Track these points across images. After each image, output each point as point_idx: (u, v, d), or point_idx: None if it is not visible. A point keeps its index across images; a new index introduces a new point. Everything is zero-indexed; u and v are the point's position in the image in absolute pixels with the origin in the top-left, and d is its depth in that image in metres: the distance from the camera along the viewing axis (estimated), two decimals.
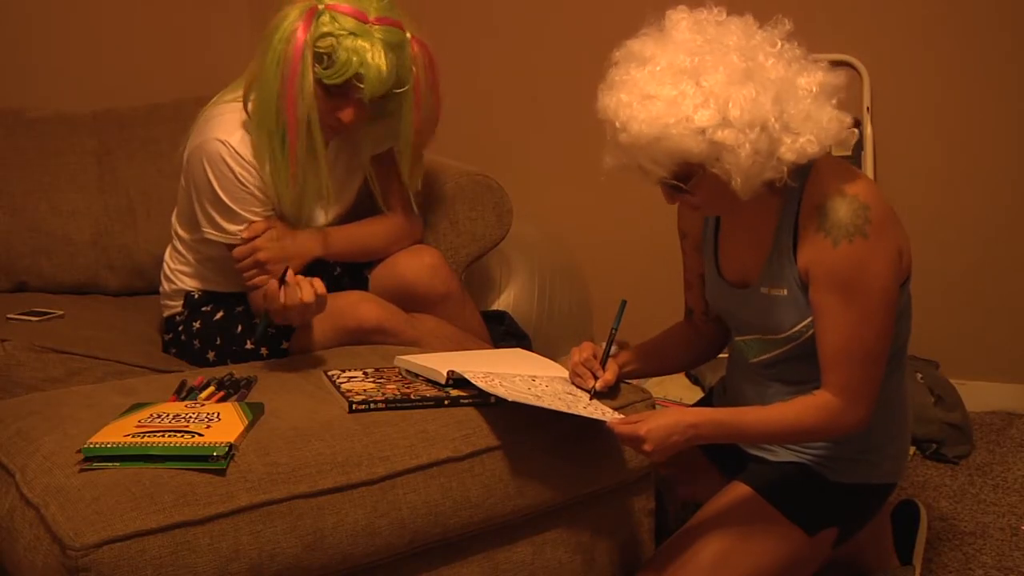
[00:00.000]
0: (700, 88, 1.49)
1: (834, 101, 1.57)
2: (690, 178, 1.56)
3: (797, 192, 1.62)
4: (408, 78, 2.03)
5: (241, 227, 2.03)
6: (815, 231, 1.58)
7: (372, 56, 1.92)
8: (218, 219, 2.04)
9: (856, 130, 1.57)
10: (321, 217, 2.14)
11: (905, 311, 1.70)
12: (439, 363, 1.79)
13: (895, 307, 1.61)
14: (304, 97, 1.93)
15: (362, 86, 1.94)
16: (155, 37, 3.08)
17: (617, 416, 1.67)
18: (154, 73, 3.03)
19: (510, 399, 1.60)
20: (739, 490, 1.76)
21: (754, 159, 1.50)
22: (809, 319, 1.64)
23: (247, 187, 2.01)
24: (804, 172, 1.61)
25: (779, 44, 1.56)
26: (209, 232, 2.06)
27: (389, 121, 2.11)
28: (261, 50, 1.97)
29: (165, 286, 2.22)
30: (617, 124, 1.53)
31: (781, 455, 1.78)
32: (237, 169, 1.99)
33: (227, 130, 2.01)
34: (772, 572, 1.70)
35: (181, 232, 2.18)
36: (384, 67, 1.93)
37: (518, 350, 2.04)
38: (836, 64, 1.67)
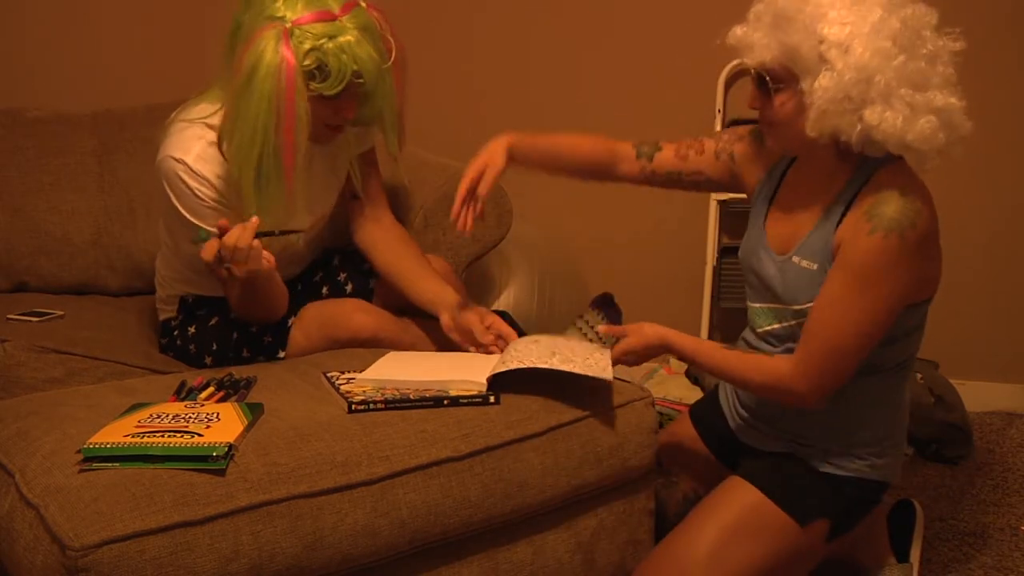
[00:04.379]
0: (851, 12, 1.53)
1: (941, 136, 1.57)
2: (782, 83, 1.60)
3: (864, 175, 1.64)
4: (385, 48, 1.95)
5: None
6: (862, 213, 1.59)
7: (359, 48, 1.85)
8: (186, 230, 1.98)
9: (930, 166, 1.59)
10: (304, 223, 2.07)
11: (919, 326, 1.73)
12: (420, 371, 1.80)
13: (887, 320, 1.62)
14: (301, 123, 1.85)
15: (363, 80, 1.88)
16: (155, 37, 3.08)
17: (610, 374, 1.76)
18: (154, 73, 3.03)
19: (526, 364, 1.68)
20: (734, 483, 1.78)
21: (843, 97, 1.53)
22: None
23: (206, 201, 1.94)
24: (881, 162, 1.62)
25: (942, 50, 1.58)
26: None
27: (373, 102, 1.99)
28: (238, 88, 1.84)
29: (159, 290, 2.22)
30: None
31: (773, 447, 1.81)
32: (194, 185, 1.92)
33: (183, 148, 1.93)
34: (766, 564, 1.71)
35: (166, 237, 2.16)
36: (374, 52, 1.88)
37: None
38: None
